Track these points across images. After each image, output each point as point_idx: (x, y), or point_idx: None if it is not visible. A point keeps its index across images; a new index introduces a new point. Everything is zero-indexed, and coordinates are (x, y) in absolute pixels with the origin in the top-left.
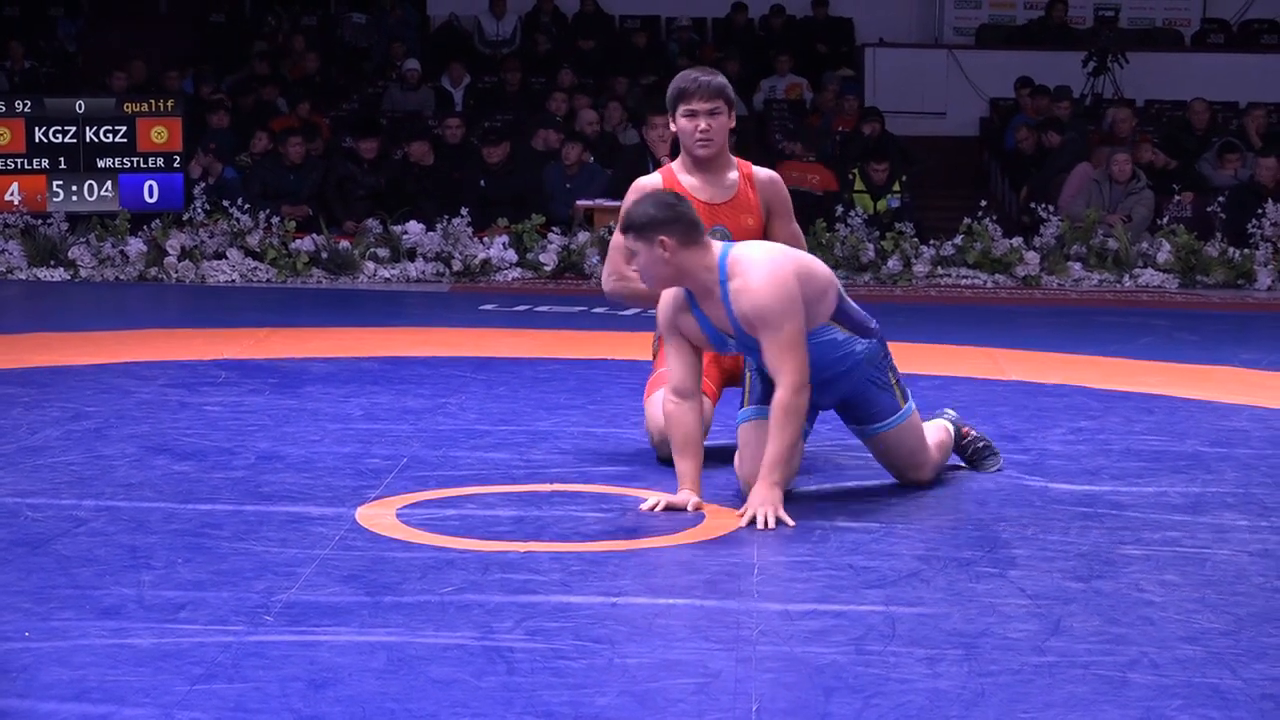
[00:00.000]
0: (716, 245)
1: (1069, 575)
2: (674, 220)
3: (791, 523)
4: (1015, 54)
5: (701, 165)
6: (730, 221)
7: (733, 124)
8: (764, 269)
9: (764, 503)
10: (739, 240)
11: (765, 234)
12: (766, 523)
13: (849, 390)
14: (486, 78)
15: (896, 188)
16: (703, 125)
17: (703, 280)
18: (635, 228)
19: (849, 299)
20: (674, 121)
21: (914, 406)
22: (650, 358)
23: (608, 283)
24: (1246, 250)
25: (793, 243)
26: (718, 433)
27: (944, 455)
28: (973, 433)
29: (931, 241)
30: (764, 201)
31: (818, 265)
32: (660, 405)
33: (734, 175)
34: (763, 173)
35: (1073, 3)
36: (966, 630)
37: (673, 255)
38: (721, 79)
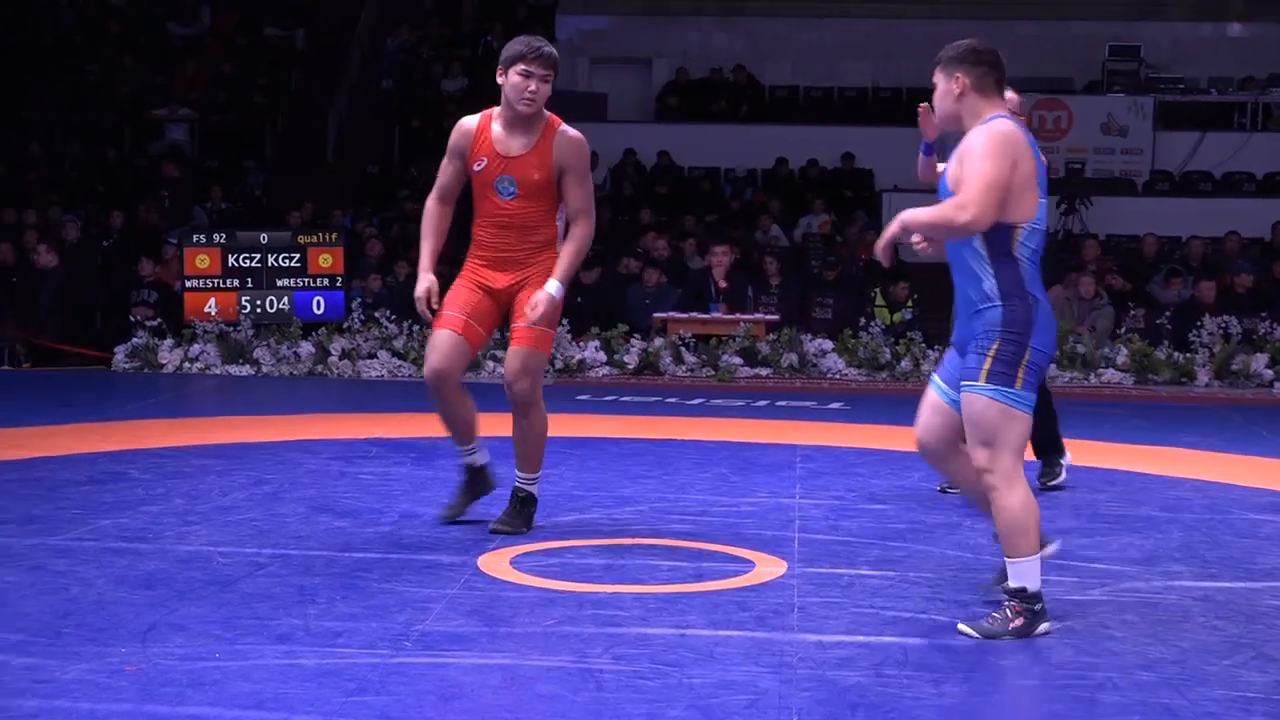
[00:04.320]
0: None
1: (1048, 614)
2: (977, 63)
3: (887, 234)
4: None
5: (516, 120)
6: (518, 173)
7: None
8: (994, 126)
9: (892, 224)
10: (524, 192)
11: (558, 188)
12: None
13: (965, 335)
14: None
15: (910, 303)
16: (532, 87)
17: (969, 128)
18: (944, 58)
19: (1030, 262)
20: (504, 76)
21: (1006, 400)
22: None
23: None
24: (1188, 355)
25: (583, 203)
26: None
27: (1008, 462)
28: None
29: (936, 346)
30: (557, 160)
31: (1034, 187)
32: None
33: (537, 135)
34: (568, 134)
35: (1047, 156)
36: (966, 658)
37: (963, 94)
38: (554, 51)
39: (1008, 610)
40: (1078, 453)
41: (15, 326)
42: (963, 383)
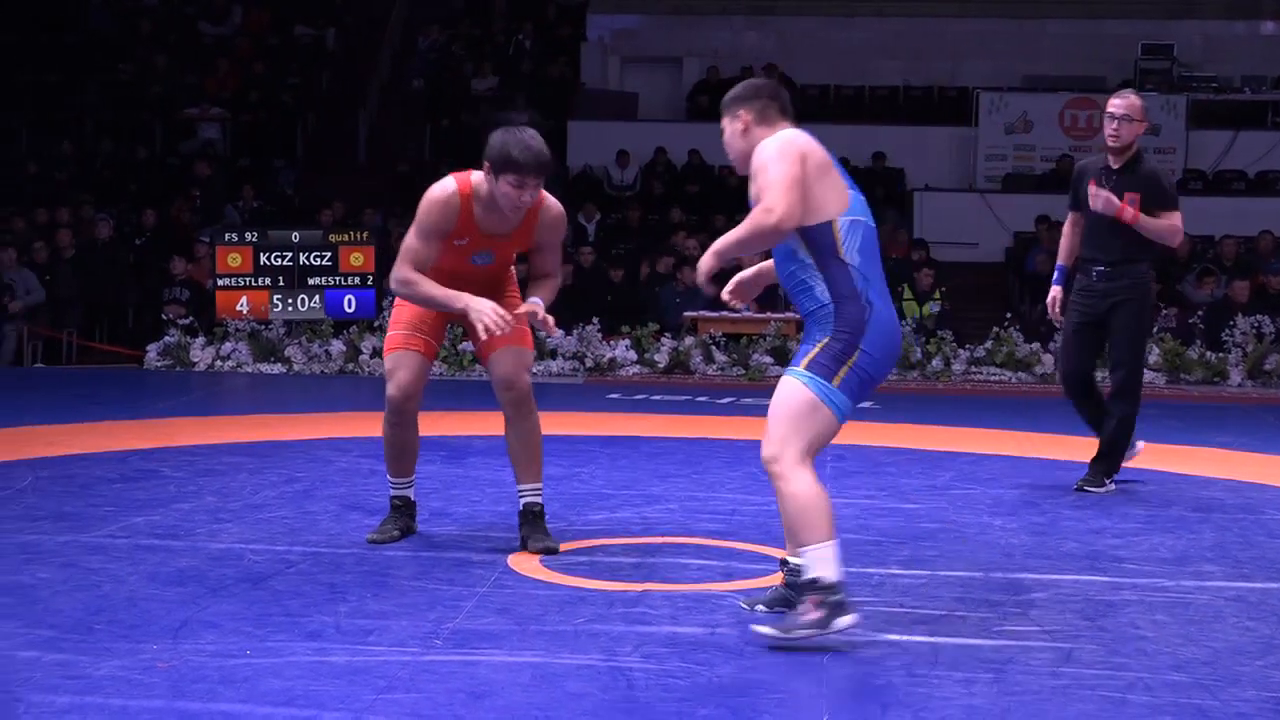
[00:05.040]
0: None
1: (1078, 614)
2: (756, 97)
3: (703, 269)
4: (1034, 197)
5: (499, 208)
6: (499, 251)
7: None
8: (776, 135)
9: (703, 259)
10: (500, 262)
11: (531, 258)
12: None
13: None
14: (613, 214)
15: (937, 295)
16: (526, 198)
17: None
18: (724, 103)
19: (863, 259)
20: (494, 179)
21: (818, 391)
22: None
23: (394, 281)
24: (1221, 354)
25: (554, 266)
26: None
27: (798, 447)
28: None
29: (967, 346)
30: (539, 239)
31: (834, 174)
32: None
33: (521, 216)
34: (551, 213)
35: (1081, 154)
36: (995, 658)
37: (746, 129)
38: (549, 156)
39: (806, 604)
40: None
41: (48, 323)
42: (788, 367)
